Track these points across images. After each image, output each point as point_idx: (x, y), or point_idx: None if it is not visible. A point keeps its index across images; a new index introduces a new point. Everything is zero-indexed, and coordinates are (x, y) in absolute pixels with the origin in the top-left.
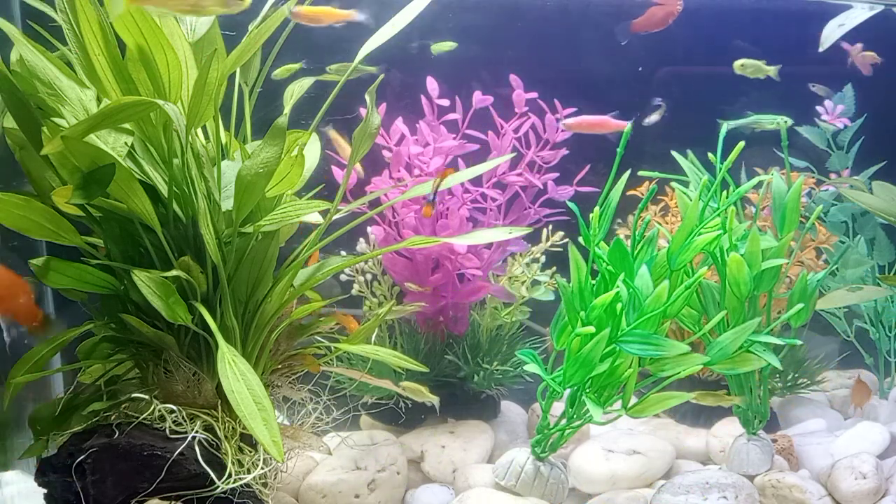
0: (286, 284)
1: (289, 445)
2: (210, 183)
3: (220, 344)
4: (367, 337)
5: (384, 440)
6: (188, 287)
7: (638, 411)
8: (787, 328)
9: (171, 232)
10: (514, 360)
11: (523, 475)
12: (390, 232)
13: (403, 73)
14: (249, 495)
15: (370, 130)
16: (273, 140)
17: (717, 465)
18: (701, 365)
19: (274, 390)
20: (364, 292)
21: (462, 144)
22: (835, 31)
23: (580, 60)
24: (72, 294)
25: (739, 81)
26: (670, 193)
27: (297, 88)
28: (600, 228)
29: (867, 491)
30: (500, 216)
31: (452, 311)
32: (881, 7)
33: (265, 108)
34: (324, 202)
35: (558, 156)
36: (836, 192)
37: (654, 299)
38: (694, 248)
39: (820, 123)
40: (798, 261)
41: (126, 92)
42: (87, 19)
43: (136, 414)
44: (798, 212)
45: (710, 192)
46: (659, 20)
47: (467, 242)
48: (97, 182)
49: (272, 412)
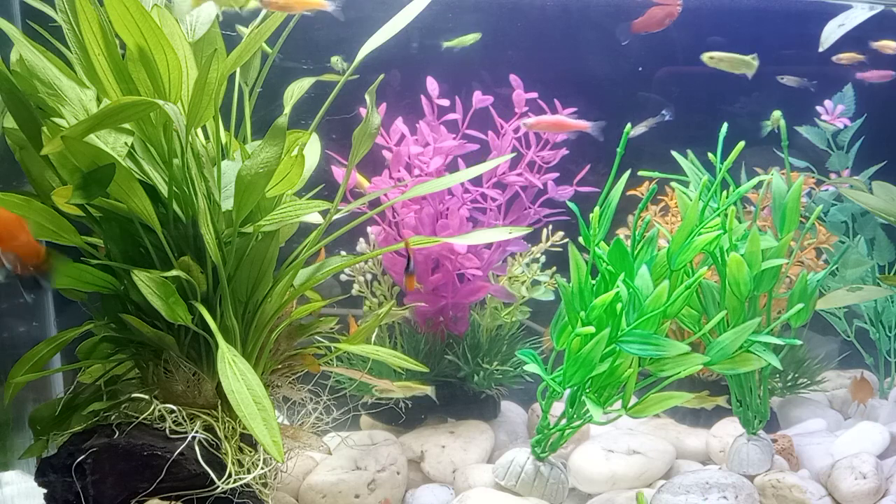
0: (286, 284)
1: (289, 445)
2: (210, 183)
3: (220, 344)
4: (367, 337)
5: (384, 440)
6: (188, 287)
7: (638, 411)
8: (787, 328)
9: (171, 232)
10: (514, 360)
11: (523, 475)
12: (390, 232)
13: (404, 73)
14: (249, 495)
15: (370, 130)
16: (273, 140)
17: (717, 465)
18: (701, 365)
19: (274, 390)
20: (364, 292)
21: (462, 144)
22: (835, 31)
23: (580, 60)
24: (72, 294)
25: (739, 81)
26: (670, 193)
27: (297, 88)
28: (600, 228)
29: (867, 491)
30: (500, 216)
31: (452, 311)
32: (881, 7)
33: (265, 108)
34: (324, 202)
35: (558, 156)
36: (836, 192)
37: (654, 299)
38: (694, 248)
39: (820, 123)
40: (798, 261)
41: (126, 92)
42: (87, 19)
43: (136, 414)
44: (798, 212)
45: (710, 192)
46: (658, 21)
47: (467, 242)
48: (97, 182)
49: (272, 412)
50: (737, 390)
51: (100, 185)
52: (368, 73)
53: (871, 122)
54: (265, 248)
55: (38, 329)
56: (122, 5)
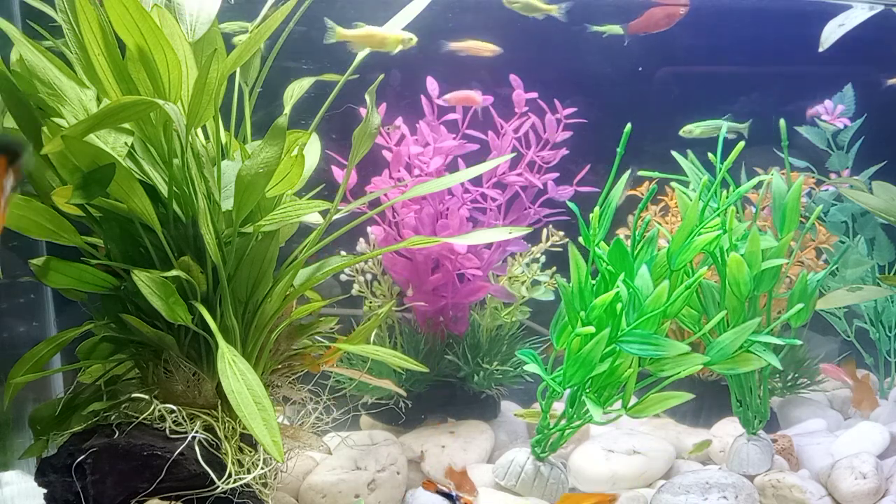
0: (286, 284)
1: (289, 445)
2: (210, 183)
3: (220, 344)
4: (366, 337)
5: (384, 440)
6: (188, 287)
7: (638, 411)
8: (787, 328)
9: (171, 232)
10: (514, 360)
11: (523, 475)
12: (390, 232)
13: (403, 73)
14: (249, 495)
15: (370, 130)
16: (273, 140)
17: (717, 465)
18: (701, 365)
19: (274, 390)
20: (364, 292)
21: (462, 144)
22: (835, 31)
23: (580, 60)
24: (72, 294)
25: (739, 81)
26: (670, 193)
27: (297, 88)
28: (600, 228)
29: (867, 491)
30: (500, 216)
31: (452, 311)
32: (881, 7)
33: (265, 108)
34: (324, 202)
35: (558, 156)
36: (836, 192)
37: (654, 299)
38: (694, 248)
39: (820, 123)
40: (798, 261)
41: (126, 92)
42: (87, 19)
43: (136, 414)
44: (798, 212)
45: (710, 192)
46: (657, 22)
47: (467, 242)
48: (97, 182)
49: (272, 412)
50: (737, 390)
51: (100, 184)
52: (368, 73)
53: (871, 122)
54: (265, 248)
55: (38, 329)
56: (122, 5)
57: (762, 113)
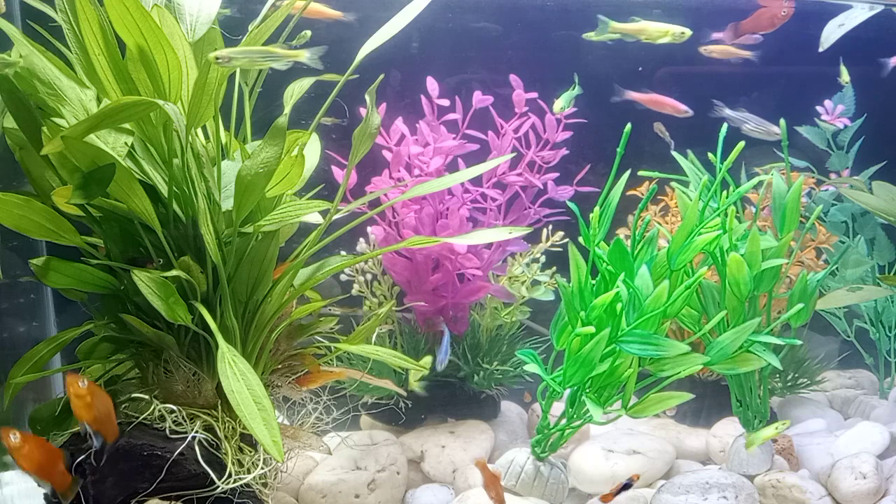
0: (286, 284)
1: (289, 445)
2: (210, 183)
3: (220, 344)
4: (367, 337)
5: (384, 440)
6: (188, 287)
7: (638, 411)
8: (787, 328)
9: (171, 232)
10: (514, 360)
11: (523, 475)
12: (390, 232)
13: (403, 73)
14: (249, 495)
15: (370, 130)
16: (273, 140)
17: (717, 465)
18: (701, 365)
19: (274, 390)
20: (364, 292)
21: (462, 144)
22: (835, 31)
23: (580, 60)
24: (72, 294)
25: (739, 81)
26: (670, 193)
27: (297, 88)
28: (600, 228)
29: (867, 491)
30: (500, 216)
31: (452, 311)
32: (881, 7)
33: (265, 108)
34: (324, 202)
35: (558, 156)
36: (836, 192)
37: (654, 299)
38: (694, 248)
39: (820, 123)
40: (798, 261)
41: (126, 92)
42: (87, 19)
43: (137, 414)
44: (798, 212)
45: (710, 192)
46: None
47: (467, 242)
48: (97, 182)
49: (272, 412)
50: (737, 390)
51: (100, 184)
52: (368, 72)
53: (871, 122)
54: (265, 248)
55: (38, 329)
56: (122, 5)
57: (762, 113)
